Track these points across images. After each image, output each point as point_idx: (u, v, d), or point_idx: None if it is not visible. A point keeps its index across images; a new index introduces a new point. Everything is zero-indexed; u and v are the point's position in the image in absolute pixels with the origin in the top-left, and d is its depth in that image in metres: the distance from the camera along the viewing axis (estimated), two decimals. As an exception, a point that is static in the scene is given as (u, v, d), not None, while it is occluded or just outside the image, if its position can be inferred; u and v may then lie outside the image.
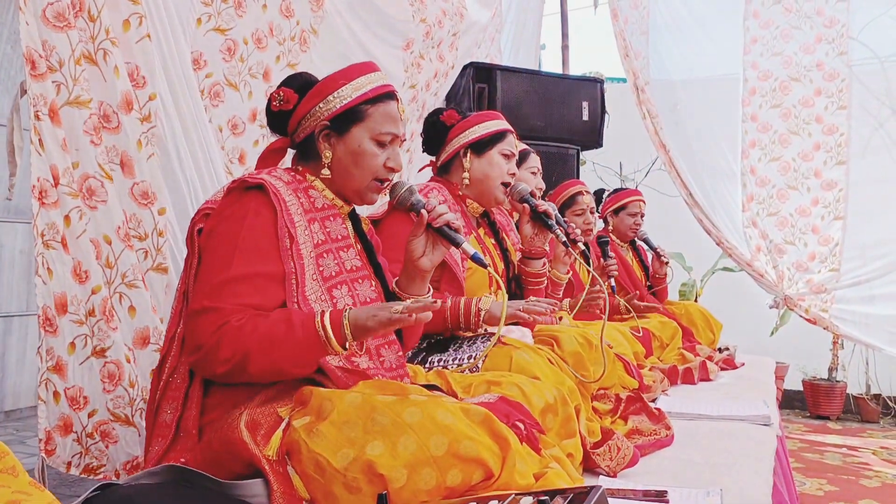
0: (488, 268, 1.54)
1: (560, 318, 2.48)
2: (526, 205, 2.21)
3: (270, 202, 1.41)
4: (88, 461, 1.78)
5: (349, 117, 1.51)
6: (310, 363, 1.34)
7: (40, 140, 1.68)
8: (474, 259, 1.51)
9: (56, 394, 1.71)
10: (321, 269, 1.44)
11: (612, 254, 3.23)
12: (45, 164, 1.69)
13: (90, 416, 1.79)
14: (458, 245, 1.52)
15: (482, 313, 1.92)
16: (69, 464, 1.73)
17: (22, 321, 4.49)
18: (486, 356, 1.78)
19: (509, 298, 2.06)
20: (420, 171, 2.37)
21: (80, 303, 1.76)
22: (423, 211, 1.54)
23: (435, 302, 1.28)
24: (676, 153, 4.48)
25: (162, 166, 2.01)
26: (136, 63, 1.93)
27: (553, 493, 0.86)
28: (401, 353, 1.55)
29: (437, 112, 2.24)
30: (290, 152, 1.65)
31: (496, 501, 0.89)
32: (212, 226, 1.42)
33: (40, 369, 1.69)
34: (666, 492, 1.40)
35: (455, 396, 1.52)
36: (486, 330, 1.98)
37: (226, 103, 2.42)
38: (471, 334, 1.96)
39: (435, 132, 2.22)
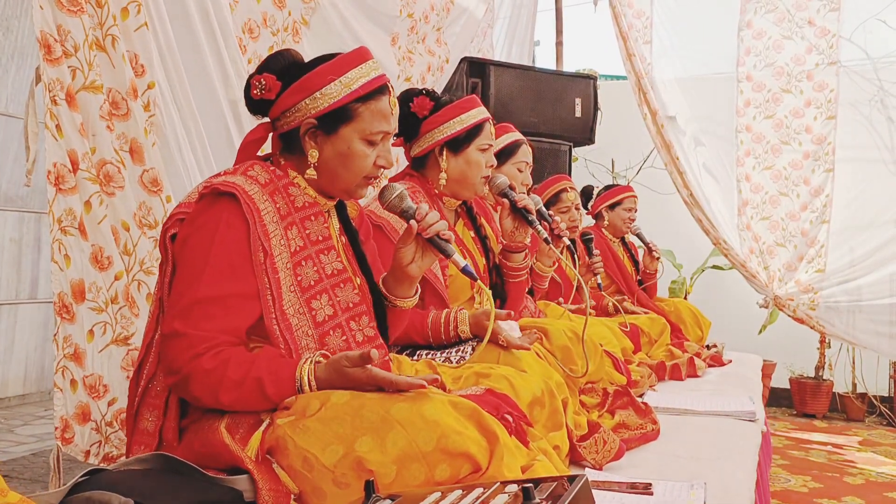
0: (478, 281, 1.52)
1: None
2: (506, 199, 2.11)
3: (243, 212, 1.33)
4: (108, 450, 1.77)
5: (338, 117, 1.41)
6: (282, 400, 1.28)
7: (58, 125, 1.65)
8: (464, 272, 1.47)
9: (73, 382, 1.71)
10: (299, 279, 1.38)
11: (596, 251, 3.24)
12: (63, 150, 1.67)
13: (110, 404, 1.78)
14: (447, 256, 1.49)
15: (465, 336, 1.88)
16: (87, 452, 1.73)
17: (11, 309, 4.48)
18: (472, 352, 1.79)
19: (490, 288, 2.04)
20: (393, 144, 2.26)
21: (99, 290, 1.75)
22: (413, 222, 1.49)
23: (423, 384, 1.20)
24: (679, 153, 4.56)
25: (163, 154, 2.00)
26: (135, 51, 1.91)
27: (537, 482, 0.88)
28: (388, 358, 1.53)
29: (406, 98, 2.06)
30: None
31: (482, 489, 0.90)
32: (184, 235, 1.36)
33: (56, 357, 1.67)
34: (651, 484, 1.42)
35: (443, 388, 1.52)
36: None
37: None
38: None
39: (406, 123, 2.05)
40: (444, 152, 2.06)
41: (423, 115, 2.05)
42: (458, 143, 2.06)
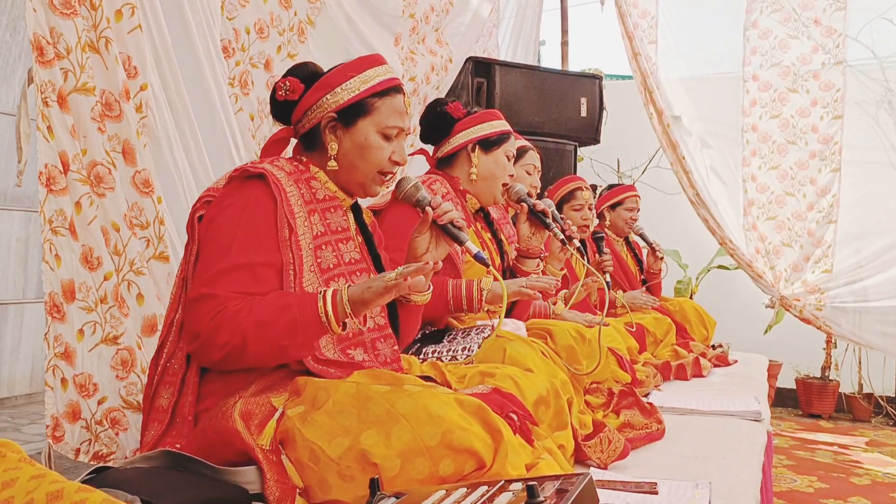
0: (490, 267, 1.55)
1: (555, 302, 2.50)
2: (524, 204, 2.20)
3: (271, 192, 1.41)
4: (98, 448, 1.78)
5: (356, 110, 1.51)
6: (308, 344, 1.34)
7: (49, 127, 1.67)
8: (477, 258, 1.51)
9: (64, 380, 1.72)
10: (319, 260, 1.45)
11: (606, 249, 3.25)
12: (54, 151, 1.68)
13: (99, 403, 1.79)
14: (461, 243, 1.54)
15: (484, 292, 1.94)
16: (77, 451, 1.74)
17: (18, 309, 4.50)
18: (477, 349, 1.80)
19: None
20: (411, 154, 2.34)
21: (89, 290, 1.76)
22: (429, 209, 1.55)
23: (427, 263, 1.29)
24: (685, 152, 4.56)
25: (154, 156, 2.01)
26: (127, 53, 1.92)
27: (542, 480, 0.88)
28: (396, 348, 1.56)
29: (441, 102, 2.22)
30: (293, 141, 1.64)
31: (486, 487, 0.90)
32: (212, 214, 1.43)
33: (47, 356, 1.68)
34: (656, 484, 1.41)
35: (449, 387, 1.53)
36: (486, 310, 2.00)
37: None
38: (465, 326, 1.97)
39: (442, 123, 2.21)
40: (477, 149, 2.19)
41: (459, 116, 2.19)
42: (489, 143, 2.20)
